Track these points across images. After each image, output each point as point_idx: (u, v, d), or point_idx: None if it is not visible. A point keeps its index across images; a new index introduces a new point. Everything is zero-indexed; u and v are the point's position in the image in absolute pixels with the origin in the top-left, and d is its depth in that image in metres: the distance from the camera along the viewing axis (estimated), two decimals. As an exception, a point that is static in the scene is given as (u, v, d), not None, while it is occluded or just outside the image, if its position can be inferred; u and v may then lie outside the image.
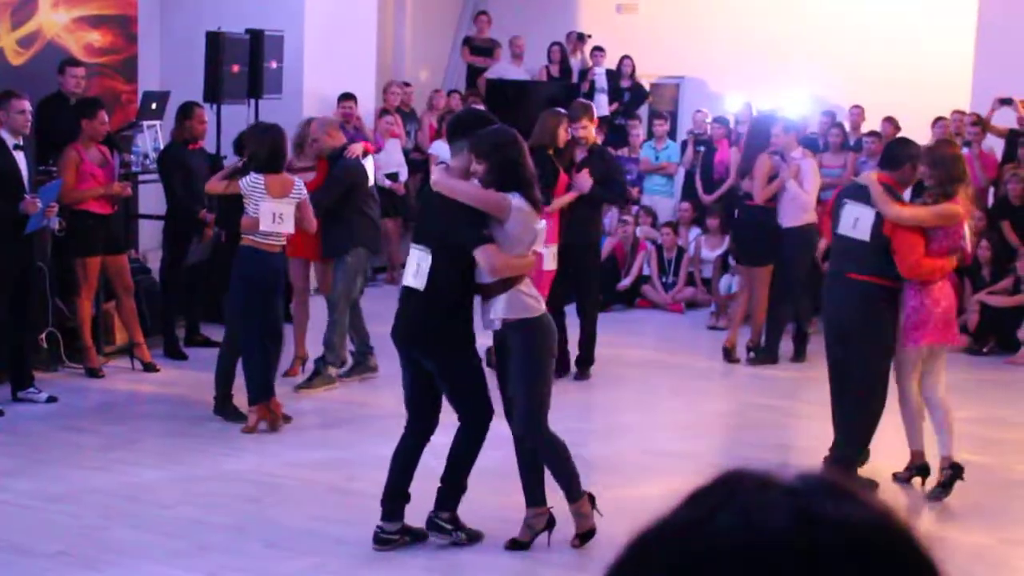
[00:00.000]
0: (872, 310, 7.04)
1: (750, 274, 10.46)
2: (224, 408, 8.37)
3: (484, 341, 9.12)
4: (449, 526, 6.26)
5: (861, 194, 7.13)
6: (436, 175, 6.15)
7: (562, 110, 9.59)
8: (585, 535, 6.24)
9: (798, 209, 10.12)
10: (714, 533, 0.96)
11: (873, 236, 7.00)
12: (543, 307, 6.05)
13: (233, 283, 8.04)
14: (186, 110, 9.99)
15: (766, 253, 10.21)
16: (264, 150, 7.95)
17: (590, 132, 9.66)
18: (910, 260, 6.97)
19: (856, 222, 7.07)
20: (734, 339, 10.57)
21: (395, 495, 6.18)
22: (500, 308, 5.92)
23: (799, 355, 10.60)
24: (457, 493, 6.25)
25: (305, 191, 8.12)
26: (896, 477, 7.57)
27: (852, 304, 7.07)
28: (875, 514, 0.98)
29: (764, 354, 10.44)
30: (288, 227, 7.97)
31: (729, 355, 10.51)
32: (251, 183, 7.90)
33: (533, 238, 5.98)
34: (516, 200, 5.89)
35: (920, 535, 0.99)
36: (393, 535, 6.19)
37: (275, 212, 7.86)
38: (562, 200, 9.25)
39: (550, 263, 8.69)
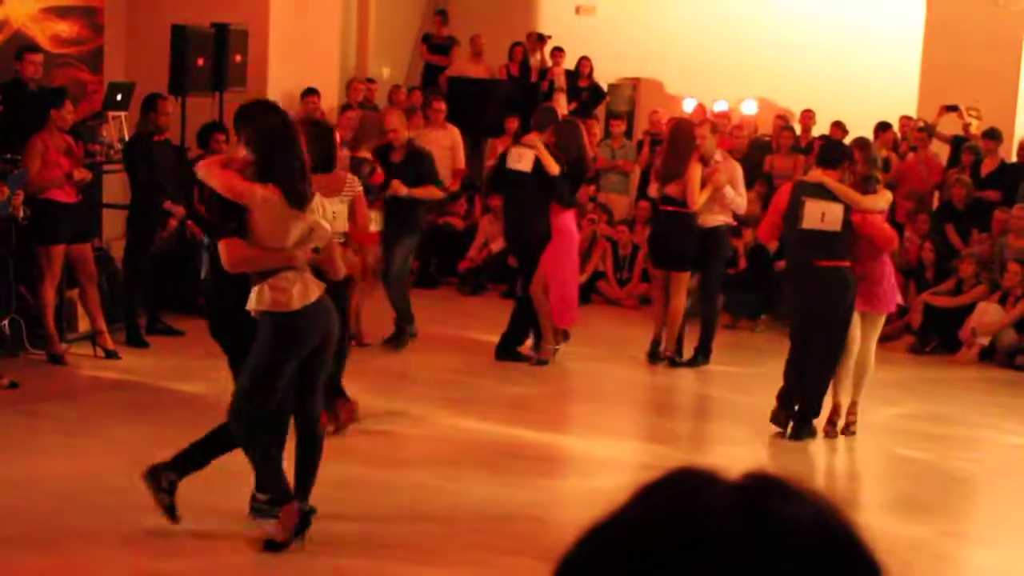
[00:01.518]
0: (845, 291, 8.10)
1: (668, 279, 10.35)
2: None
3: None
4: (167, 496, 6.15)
5: (820, 192, 8.13)
6: (203, 162, 6.11)
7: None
8: (272, 544, 6.01)
9: (719, 209, 10.22)
10: (661, 530, 0.98)
11: (844, 226, 8.06)
12: (297, 305, 5.83)
13: None
14: (150, 102, 10.06)
15: (687, 258, 10.20)
16: (317, 149, 7.60)
17: None
18: (888, 235, 8.29)
19: (824, 216, 8.07)
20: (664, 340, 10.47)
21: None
22: (252, 298, 5.87)
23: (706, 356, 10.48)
24: (197, 465, 6.19)
25: (359, 187, 7.81)
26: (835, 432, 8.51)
27: (826, 287, 8.08)
28: (819, 511, 1.00)
29: (703, 356, 10.38)
30: (340, 225, 7.60)
31: (656, 358, 10.44)
32: None
33: (286, 232, 5.81)
34: (266, 191, 5.76)
35: (863, 532, 1.01)
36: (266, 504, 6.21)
37: (331, 211, 7.37)
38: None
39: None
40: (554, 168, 9.82)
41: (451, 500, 6.77)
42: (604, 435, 8.37)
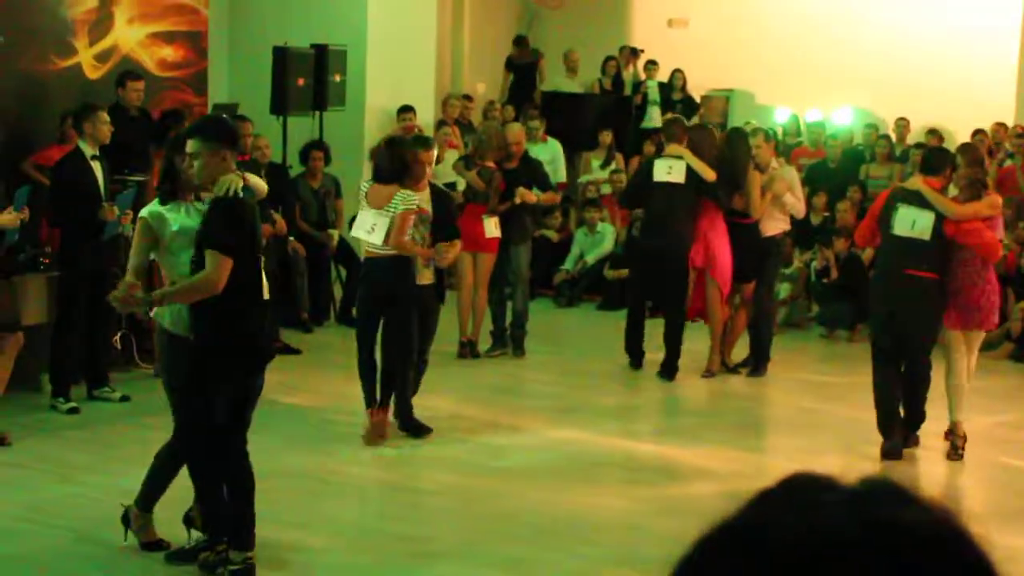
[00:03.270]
0: (929, 302, 7.87)
1: (737, 290, 10.35)
2: (407, 423, 8.27)
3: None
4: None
5: (914, 198, 7.91)
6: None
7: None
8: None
9: (780, 216, 10.19)
10: (778, 537, 0.98)
11: (934, 236, 7.82)
12: None
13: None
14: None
15: (752, 269, 10.16)
16: (380, 160, 8.00)
17: None
18: (986, 243, 7.90)
19: (914, 224, 7.88)
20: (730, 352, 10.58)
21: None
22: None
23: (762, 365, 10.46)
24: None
25: (402, 207, 7.71)
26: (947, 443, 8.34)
27: (910, 295, 7.87)
28: (936, 518, 1.00)
29: (760, 367, 10.39)
30: (376, 239, 7.75)
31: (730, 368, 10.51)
32: (360, 189, 8.08)
33: None
34: None
35: (980, 539, 1.01)
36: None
37: (372, 223, 7.74)
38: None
39: None
40: (711, 175, 9.96)
41: (549, 509, 6.84)
42: (702, 445, 8.39)
